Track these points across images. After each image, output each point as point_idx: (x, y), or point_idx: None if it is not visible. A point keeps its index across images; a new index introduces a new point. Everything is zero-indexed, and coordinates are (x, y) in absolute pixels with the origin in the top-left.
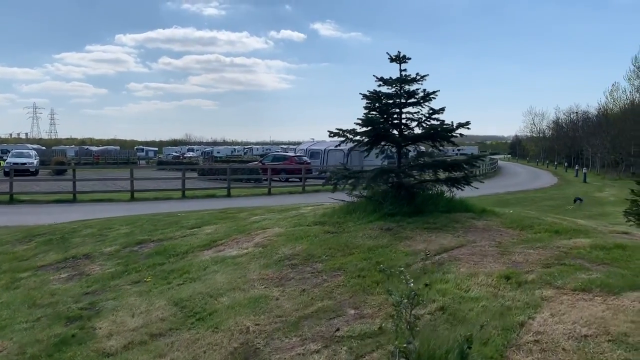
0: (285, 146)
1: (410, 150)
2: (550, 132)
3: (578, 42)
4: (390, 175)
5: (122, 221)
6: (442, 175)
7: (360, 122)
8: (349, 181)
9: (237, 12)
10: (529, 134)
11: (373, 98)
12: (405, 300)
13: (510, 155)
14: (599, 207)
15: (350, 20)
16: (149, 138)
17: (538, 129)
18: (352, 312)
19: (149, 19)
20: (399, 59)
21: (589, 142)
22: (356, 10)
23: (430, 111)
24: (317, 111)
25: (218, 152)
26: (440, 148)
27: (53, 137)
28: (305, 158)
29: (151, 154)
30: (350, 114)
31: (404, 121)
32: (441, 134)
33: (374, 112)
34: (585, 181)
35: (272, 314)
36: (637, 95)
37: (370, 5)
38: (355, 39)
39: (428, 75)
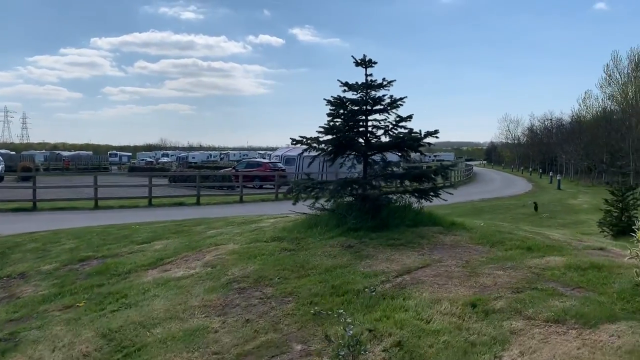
0: (262, 152)
1: (376, 160)
2: (525, 139)
3: (552, 50)
4: (354, 187)
5: (70, 234)
6: (409, 186)
7: (322, 129)
8: (312, 192)
9: (215, 16)
10: (504, 141)
11: (337, 104)
12: (345, 351)
13: (486, 162)
14: (573, 215)
15: (329, 26)
16: (124, 143)
17: (513, 136)
18: (299, 347)
19: (126, 23)
20: (365, 63)
21: (562, 149)
22: (335, 16)
23: (398, 118)
24: (296, 117)
25: (193, 158)
26: (409, 158)
27: (25, 141)
28: (280, 164)
29: (125, 159)
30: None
31: (370, 129)
32: (408, 142)
33: (338, 120)
34: (559, 188)
35: (208, 350)
36: (609, 103)
37: (349, 11)
38: (334, 45)
39: (395, 80)
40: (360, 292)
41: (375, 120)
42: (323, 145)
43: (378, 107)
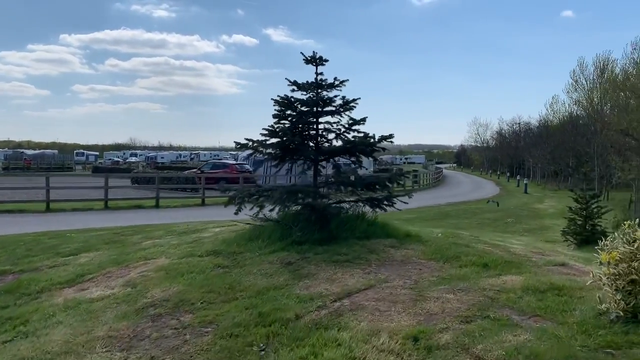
0: (233, 152)
1: (334, 165)
2: (494, 142)
3: (521, 55)
4: (299, 196)
5: None
6: (363, 193)
7: (267, 132)
8: (257, 200)
9: (188, 14)
10: (473, 144)
11: (285, 104)
12: None
13: (455, 165)
14: (538, 220)
15: (303, 27)
16: (93, 142)
17: (482, 139)
18: None
19: (96, 19)
20: (315, 60)
21: (530, 153)
22: (309, 17)
23: (351, 121)
24: (269, 118)
25: (162, 158)
26: (360, 164)
27: None
28: (247, 166)
29: (92, 159)
30: None
31: (321, 132)
32: (360, 147)
33: (285, 121)
34: (526, 192)
35: None
36: (575, 108)
37: (323, 13)
38: (308, 46)
39: (347, 80)
40: (290, 322)
41: (327, 122)
42: (270, 149)
43: (329, 108)
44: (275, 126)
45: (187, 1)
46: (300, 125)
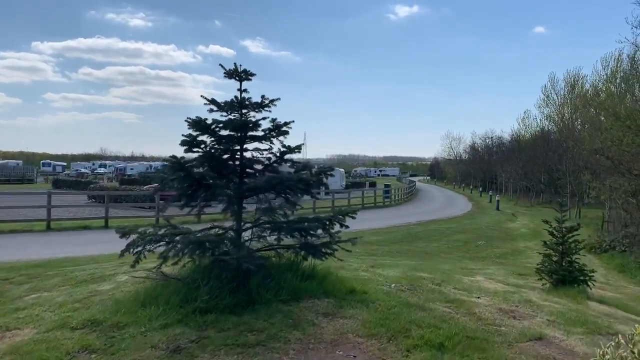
0: None
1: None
2: (466, 156)
3: (494, 70)
4: (207, 246)
5: None
6: (295, 238)
7: (172, 163)
8: (163, 249)
9: (165, 24)
10: (447, 157)
11: (200, 127)
12: None
13: (429, 177)
14: (510, 243)
15: (280, 39)
16: (64, 152)
17: (455, 153)
18: None
19: (70, 27)
20: (239, 74)
21: (502, 168)
22: (286, 29)
23: (284, 149)
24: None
25: (131, 169)
26: (293, 207)
27: None
28: None
29: (59, 169)
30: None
31: (245, 162)
32: (287, 182)
33: (198, 149)
34: (498, 209)
35: None
36: (547, 123)
37: (300, 26)
38: (285, 58)
39: (279, 99)
40: None
41: (257, 149)
42: (176, 183)
43: (256, 133)
44: (178, 158)
45: (164, 11)
46: (219, 155)
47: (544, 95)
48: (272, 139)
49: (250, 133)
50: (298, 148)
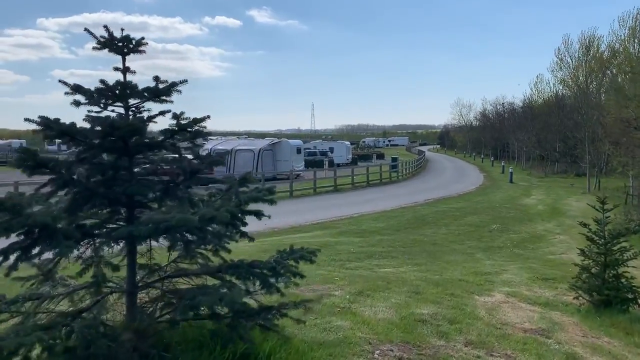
0: (214, 137)
1: None
2: (477, 123)
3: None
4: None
5: None
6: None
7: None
8: None
9: None
10: (457, 125)
11: (59, 134)
12: None
13: (439, 146)
14: (528, 225)
15: (286, 7)
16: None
17: (466, 120)
18: None
19: (74, 3)
20: (118, 44)
21: (514, 136)
22: None
23: (199, 162)
24: (253, 101)
25: None
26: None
27: None
28: None
29: (64, 148)
30: (290, 104)
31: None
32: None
33: (46, 169)
34: (511, 181)
35: None
36: (560, 88)
37: None
38: (292, 27)
39: (186, 81)
40: None
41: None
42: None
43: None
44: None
45: None
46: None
47: (557, 58)
48: (178, 140)
49: (146, 141)
50: (215, 163)
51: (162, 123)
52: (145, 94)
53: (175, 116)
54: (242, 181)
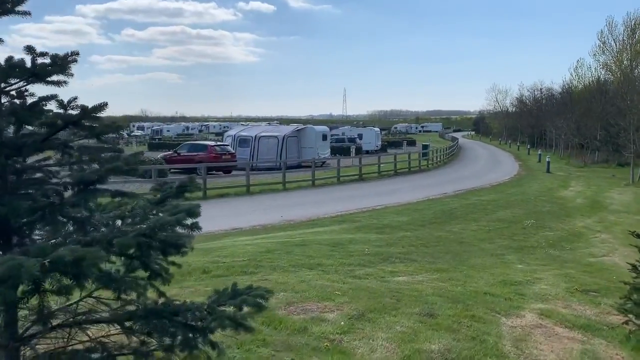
0: (245, 123)
1: None
2: (513, 110)
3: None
4: None
5: None
6: None
7: None
8: None
9: None
10: (492, 110)
11: None
12: None
13: (474, 132)
14: (566, 221)
15: None
16: (110, 114)
17: (501, 106)
18: None
19: None
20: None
21: (552, 123)
22: None
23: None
24: (285, 86)
25: (168, 131)
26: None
27: None
28: (229, 148)
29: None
30: (323, 89)
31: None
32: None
33: None
34: (548, 171)
35: None
36: (603, 73)
37: None
38: (326, 12)
39: (77, 55)
40: None
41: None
42: None
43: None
44: None
45: None
46: None
47: (600, 41)
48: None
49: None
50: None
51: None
52: (18, 72)
53: (62, 105)
54: (180, 190)
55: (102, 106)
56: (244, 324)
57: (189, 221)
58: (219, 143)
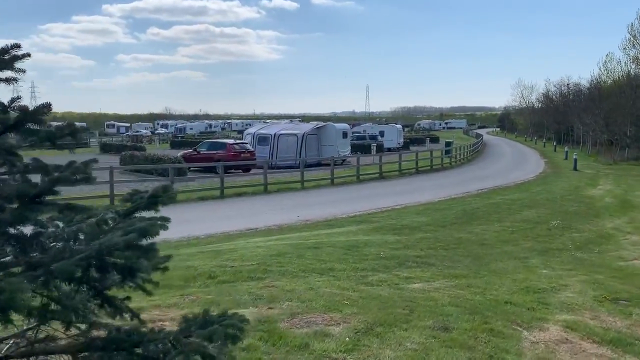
0: (268, 120)
1: None
2: (539, 105)
3: (572, 9)
4: None
5: None
6: None
7: None
8: None
9: None
10: (517, 106)
11: None
12: None
13: (499, 129)
14: (594, 222)
15: None
16: (134, 112)
17: (527, 102)
18: None
19: None
20: None
21: (580, 119)
22: None
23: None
24: (309, 83)
25: (191, 129)
26: None
27: None
28: (248, 146)
29: (122, 131)
30: (345, 86)
31: None
32: None
33: None
34: (575, 168)
35: None
36: (633, 67)
37: None
38: (349, 8)
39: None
40: None
41: None
42: None
43: None
44: None
45: None
46: None
47: (630, 34)
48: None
49: None
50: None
51: None
52: None
53: (3, 107)
54: (151, 201)
55: (45, 107)
56: (209, 354)
57: (143, 242)
58: (238, 141)
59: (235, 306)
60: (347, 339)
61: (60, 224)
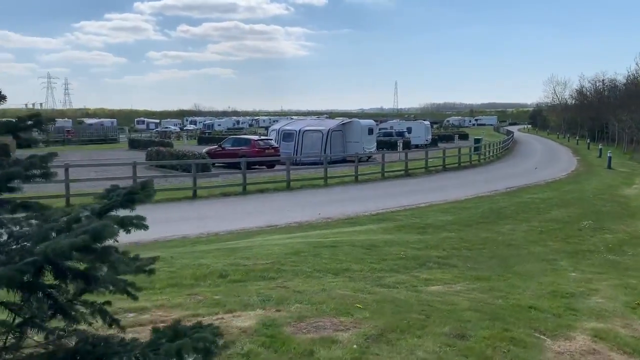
0: (295, 117)
1: None
2: (573, 102)
3: (606, 5)
4: None
5: None
6: None
7: None
8: None
9: None
10: (550, 102)
11: None
12: None
13: (530, 126)
14: (628, 222)
15: None
16: (165, 108)
17: (560, 99)
18: None
19: None
20: None
21: (615, 116)
22: None
23: None
24: (337, 80)
25: (219, 125)
26: None
27: (67, 107)
28: (273, 142)
29: (152, 127)
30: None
31: None
32: None
33: None
34: (609, 167)
35: None
36: None
37: None
38: (378, 4)
39: None
40: None
41: None
42: None
43: None
44: None
45: None
46: None
47: None
48: None
49: None
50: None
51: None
52: None
53: None
54: (128, 198)
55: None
56: None
57: (96, 245)
58: (262, 137)
59: (242, 308)
60: (355, 346)
61: (12, 226)
